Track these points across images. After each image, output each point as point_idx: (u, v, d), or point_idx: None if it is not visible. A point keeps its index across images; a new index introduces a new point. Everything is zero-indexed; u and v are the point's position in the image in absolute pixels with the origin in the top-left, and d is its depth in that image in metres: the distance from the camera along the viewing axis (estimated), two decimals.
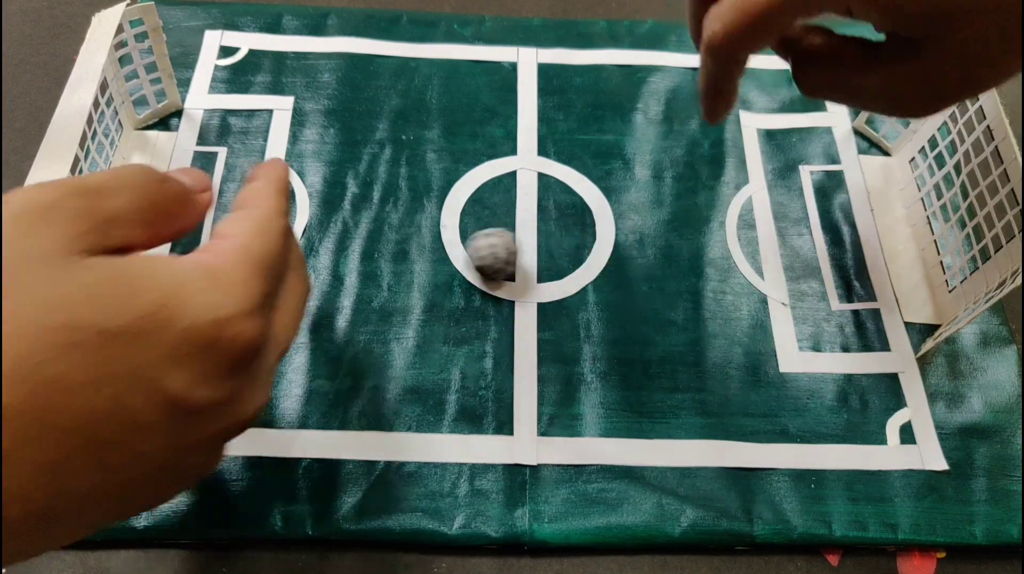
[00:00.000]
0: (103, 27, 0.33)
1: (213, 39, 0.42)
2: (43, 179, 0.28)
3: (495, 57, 0.43)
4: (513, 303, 0.35)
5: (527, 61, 0.43)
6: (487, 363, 0.33)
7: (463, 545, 0.29)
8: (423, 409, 0.32)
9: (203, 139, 0.39)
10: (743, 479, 0.31)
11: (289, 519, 0.29)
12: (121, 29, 0.34)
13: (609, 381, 0.33)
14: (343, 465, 0.30)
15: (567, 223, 0.37)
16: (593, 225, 0.37)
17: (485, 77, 0.42)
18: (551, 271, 0.36)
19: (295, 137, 0.39)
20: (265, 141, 0.39)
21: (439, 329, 0.34)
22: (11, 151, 0.38)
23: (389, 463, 0.31)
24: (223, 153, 0.38)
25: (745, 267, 0.36)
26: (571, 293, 0.35)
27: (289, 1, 0.44)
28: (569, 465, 0.31)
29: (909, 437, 0.32)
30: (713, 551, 0.30)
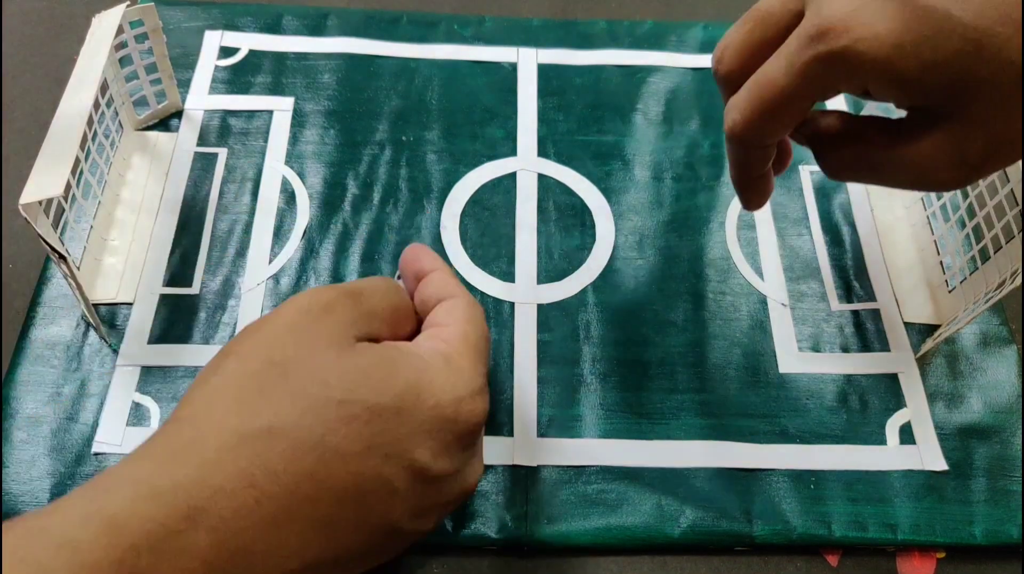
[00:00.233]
0: (103, 28, 0.33)
1: (213, 39, 0.42)
2: (44, 180, 0.28)
3: (495, 57, 0.43)
4: (513, 304, 0.35)
5: (527, 61, 0.43)
6: None
7: (463, 545, 0.29)
8: None
9: (203, 140, 0.39)
10: (743, 480, 0.31)
11: None
12: (121, 30, 0.34)
13: (609, 382, 0.33)
14: None
15: (567, 224, 0.37)
16: (593, 226, 0.37)
17: (485, 77, 0.42)
18: (551, 272, 0.36)
19: (295, 138, 0.39)
20: (265, 142, 0.39)
21: None
22: (11, 151, 0.38)
23: None
24: (223, 154, 0.38)
25: (745, 267, 0.36)
26: (571, 294, 0.35)
27: (289, 1, 0.44)
28: (569, 466, 0.31)
29: (909, 437, 0.32)
30: (713, 551, 0.30)
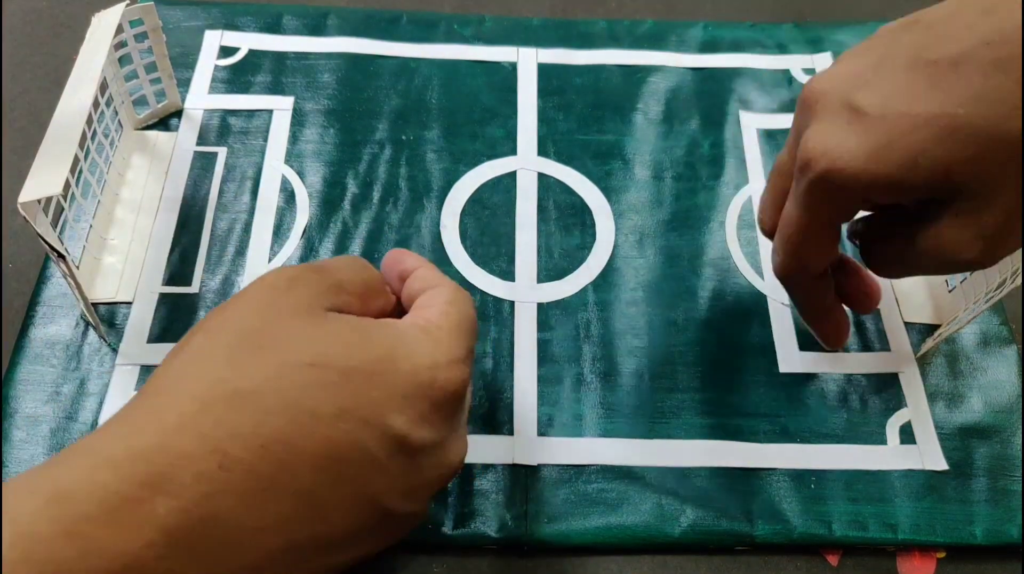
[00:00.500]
0: (103, 27, 0.33)
1: (213, 39, 0.42)
2: (43, 179, 0.28)
3: (495, 57, 0.43)
4: (513, 303, 0.35)
5: (527, 61, 0.43)
6: (487, 363, 0.33)
7: (463, 545, 0.29)
8: None
9: (203, 139, 0.39)
10: (743, 479, 0.31)
11: None
12: (121, 29, 0.34)
13: (609, 381, 0.33)
14: None
15: (567, 223, 0.37)
16: (593, 225, 0.37)
17: (485, 77, 0.42)
18: (551, 271, 0.36)
19: (295, 137, 0.39)
20: (265, 141, 0.39)
21: None
22: (11, 151, 0.38)
23: None
24: (223, 153, 0.38)
25: (745, 267, 0.36)
26: (571, 293, 0.35)
27: (289, 1, 0.44)
28: (569, 465, 0.31)
29: (909, 437, 0.32)
30: (713, 551, 0.30)
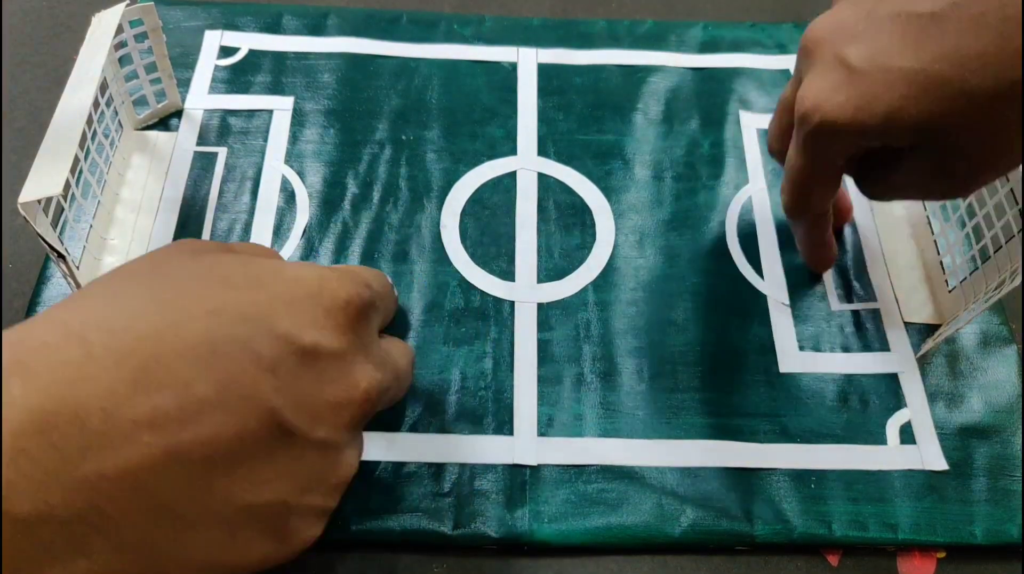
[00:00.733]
0: (103, 27, 0.33)
1: (213, 39, 0.42)
2: (43, 179, 0.28)
3: (495, 57, 0.43)
4: (513, 303, 0.35)
5: (527, 61, 0.43)
6: (487, 363, 0.33)
7: (463, 545, 0.29)
8: (423, 409, 0.32)
9: (203, 139, 0.39)
10: (743, 479, 0.31)
11: None
12: (121, 29, 0.34)
13: (609, 381, 0.33)
14: None
15: (567, 223, 0.37)
16: (593, 225, 0.37)
17: (485, 77, 0.42)
18: (551, 271, 0.36)
19: (295, 137, 0.39)
20: (265, 141, 0.39)
21: (439, 329, 0.34)
22: (11, 151, 0.38)
23: (389, 463, 0.31)
24: (223, 153, 0.38)
25: (745, 267, 0.36)
26: (571, 293, 0.35)
27: (289, 1, 0.44)
28: (569, 465, 0.31)
29: (909, 437, 0.32)
30: (713, 551, 0.30)
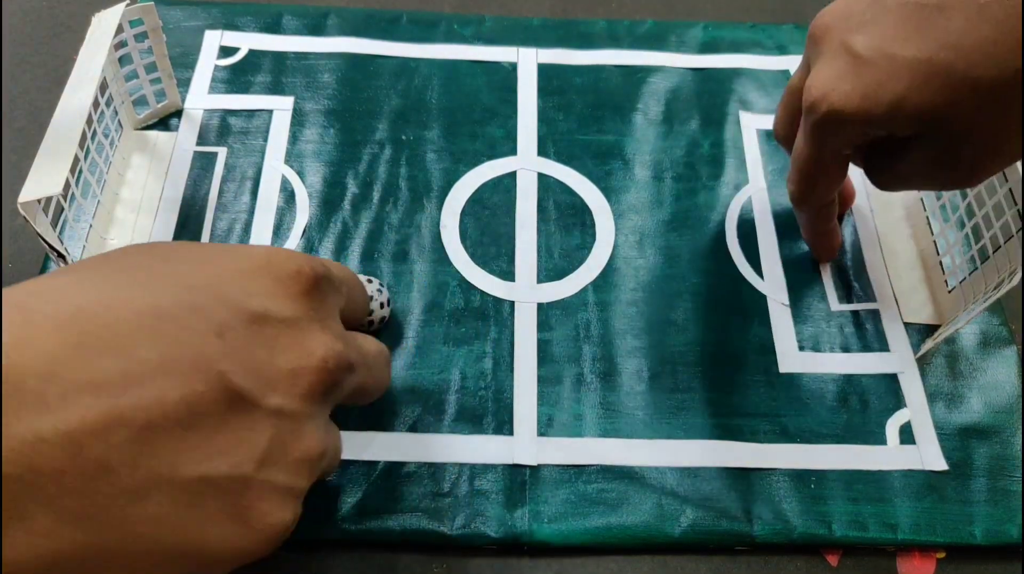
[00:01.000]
0: (103, 27, 0.33)
1: (213, 39, 0.42)
2: (43, 179, 0.28)
3: (495, 57, 0.43)
4: (513, 303, 0.35)
5: (527, 61, 0.43)
6: (487, 363, 0.33)
7: (463, 545, 0.29)
8: (423, 409, 0.32)
9: (203, 139, 0.39)
10: (743, 479, 0.31)
11: None
12: (121, 29, 0.34)
13: (609, 381, 0.33)
14: (343, 465, 0.30)
15: (567, 223, 0.37)
16: (593, 225, 0.37)
17: (485, 77, 0.42)
18: (551, 271, 0.36)
19: (295, 137, 0.39)
20: (265, 141, 0.39)
21: (439, 329, 0.34)
22: (11, 151, 0.38)
23: (389, 463, 0.31)
24: (223, 153, 0.38)
25: (745, 267, 0.36)
26: (571, 293, 0.35)
27: (289, 1, 0.44)
28: (569, 465, 0.31)
29: (909, 437, 0.32)
30: (713, 551, 0.30)
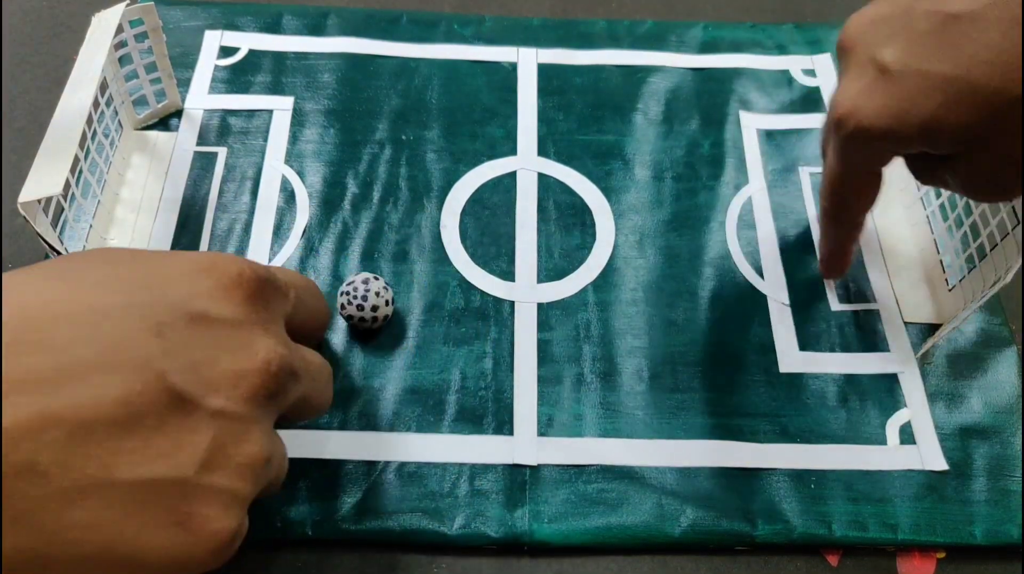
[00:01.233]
0: (103, 27, 0.33)
1: (213, 39, 0.42)
2: (43, 179, 0.28)
3: (495, 57, 0.43)
4: (513, 303, 0.35)
5: (527, 61, 0.43)
6: (487, 363, 0.33)
7: (463, 545, 0.29)
8: (423, 409, 0.32)
9: (203, 139, 0.39)
10: (743, 479, 0.31)
11: (289, 519, 0.29)
12: (121, 29, 0.34)
13: (609, 381, 0.33)
14: (343, 465, 0.30)
15: (567, 223, 0.37)
16: (593, 225, 0.37)
17: (485, 77, 0.42)
18: (551, 271, 0.36)
19: (295, 137, 0.39)
20: (265, 141, 0.39)
21: (439, 329, 0.34)
22: (11, 151, 0.38)
23: (389, 463, 0.31)
24: (223, 153, 0.38)
25: (745, 267, 0.36)
26: (571, 293, 0.35)
27: (289, 1, 0.44)
28: (569, 465, 0.31)
29: (909, 437, 0.32)
30: (713, 551, 0.30)
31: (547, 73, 0.42)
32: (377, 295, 0.32)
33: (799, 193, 0.39)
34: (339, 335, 0.33)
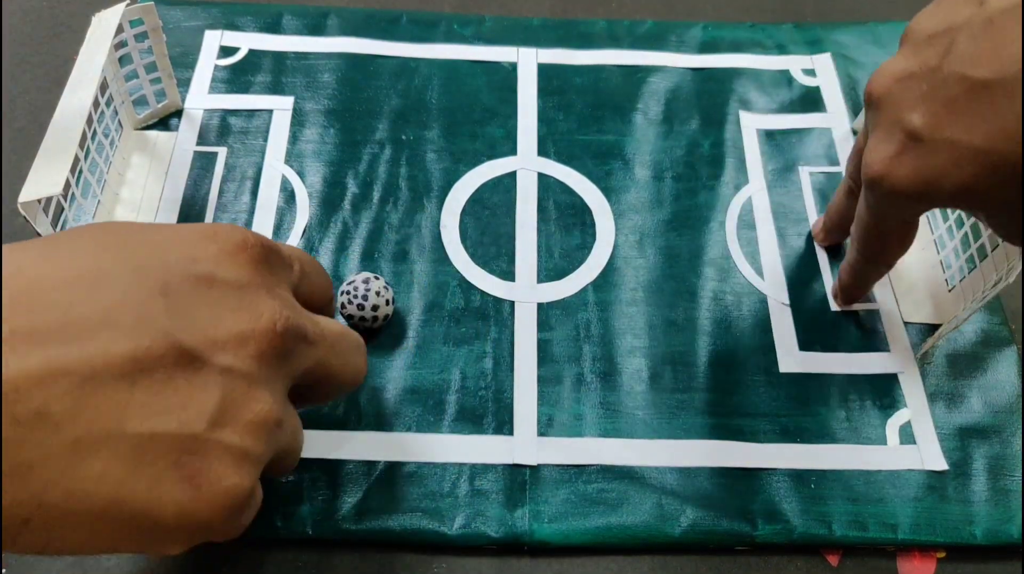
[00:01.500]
0: (103, 27, 0.33)
1: (213, 39, 0.42)
2: (43, 179, 0.28)
3: (495, 57, 0.43)
4: (513, 303, 0.35)
5: (527, 61, 0.43)
6: (487, 363, 0.33)
7: (463, 545, 0.29)
8: (423, 409, 0.32)
9: (203, 139, 0.39)
10: (743, 479, 0.31)
11: (289, 519, 0.29)
12: (121, 29, 0.34)
13: (609, 381, 0.33)
14: (343, 465, 0.30)
15: (567, 223, 0.37)
16: (593, 225, 0.37)
17: (485, 77, 0.42)
18: (551, 271, 0.36)
19: (295, 137, 0.39)
20: (265, 141, 0.39)
21: (439, 329, 0.34)
22: (11, 151, 0.38)
23: (389, 463, 0.31)
24: (223, 153, 0.38)
25: (745, 267, 0.36)
26: (571, 293, 0.35)
27: (289, 1, 0.44)
28: (569, 465, 0.31)
29: (909, 437, 0.32)
30: (713, 551, 0.30)
31: (547, 73, 0.42)
32: (377, 295, 0.32)
33: (799, 193, 0.39)
34: None
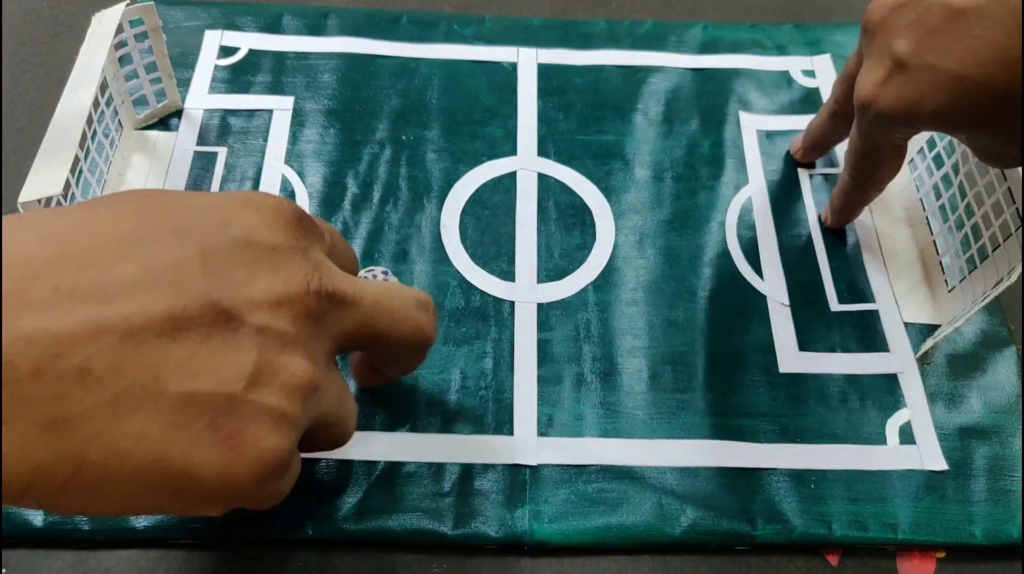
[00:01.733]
0: (103, 27, 0.33)
1: (213, 39, 0.42)
2: (43, 179, 0.28)
3: (495, 57, 0.43)
4: (513, 303, 0.35)
5: (527, 61, 0.43)
6: (487, 363, 0.33)
7: (463, 545, 0.29)
8: (423, 409, 0.32)
9: (203, 139, 0.39)
10: (743, 479, 0.31)
11: (289, 519, 0.29)
12: (121, 29, 0.34)
13: (609, 381, 0.33)
14: (343, 465, 0.30)
15: (567, 223, 0.37)
16: (593, 225, 0.37)
17: (485, 77, 0.42)
18: (551, 271, 0.36)
19: (295, 137, 0.39)
20: (265, 141, 0.39)
21: (439, 329, 0.34)
22: (11, 151, 0.38)
23: (389, 463, 0.31)
24: (223, 153, 0.38)
25: (745, 267, 0.36)
26: (571, 293, 0.35)
27: (289, 1, 0.44)
28: (569, 465, 0.31)
29: (909, 437, 0.32)
30: (713, 551, 0.30)
31: (547, 73, 0.42)
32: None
33: (799, 193, 0.39)
34: None
